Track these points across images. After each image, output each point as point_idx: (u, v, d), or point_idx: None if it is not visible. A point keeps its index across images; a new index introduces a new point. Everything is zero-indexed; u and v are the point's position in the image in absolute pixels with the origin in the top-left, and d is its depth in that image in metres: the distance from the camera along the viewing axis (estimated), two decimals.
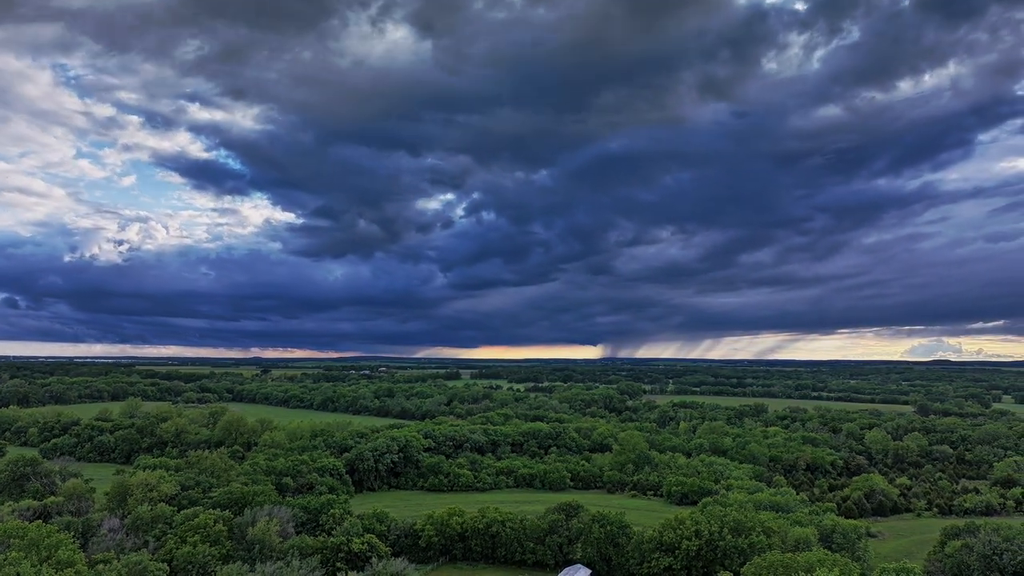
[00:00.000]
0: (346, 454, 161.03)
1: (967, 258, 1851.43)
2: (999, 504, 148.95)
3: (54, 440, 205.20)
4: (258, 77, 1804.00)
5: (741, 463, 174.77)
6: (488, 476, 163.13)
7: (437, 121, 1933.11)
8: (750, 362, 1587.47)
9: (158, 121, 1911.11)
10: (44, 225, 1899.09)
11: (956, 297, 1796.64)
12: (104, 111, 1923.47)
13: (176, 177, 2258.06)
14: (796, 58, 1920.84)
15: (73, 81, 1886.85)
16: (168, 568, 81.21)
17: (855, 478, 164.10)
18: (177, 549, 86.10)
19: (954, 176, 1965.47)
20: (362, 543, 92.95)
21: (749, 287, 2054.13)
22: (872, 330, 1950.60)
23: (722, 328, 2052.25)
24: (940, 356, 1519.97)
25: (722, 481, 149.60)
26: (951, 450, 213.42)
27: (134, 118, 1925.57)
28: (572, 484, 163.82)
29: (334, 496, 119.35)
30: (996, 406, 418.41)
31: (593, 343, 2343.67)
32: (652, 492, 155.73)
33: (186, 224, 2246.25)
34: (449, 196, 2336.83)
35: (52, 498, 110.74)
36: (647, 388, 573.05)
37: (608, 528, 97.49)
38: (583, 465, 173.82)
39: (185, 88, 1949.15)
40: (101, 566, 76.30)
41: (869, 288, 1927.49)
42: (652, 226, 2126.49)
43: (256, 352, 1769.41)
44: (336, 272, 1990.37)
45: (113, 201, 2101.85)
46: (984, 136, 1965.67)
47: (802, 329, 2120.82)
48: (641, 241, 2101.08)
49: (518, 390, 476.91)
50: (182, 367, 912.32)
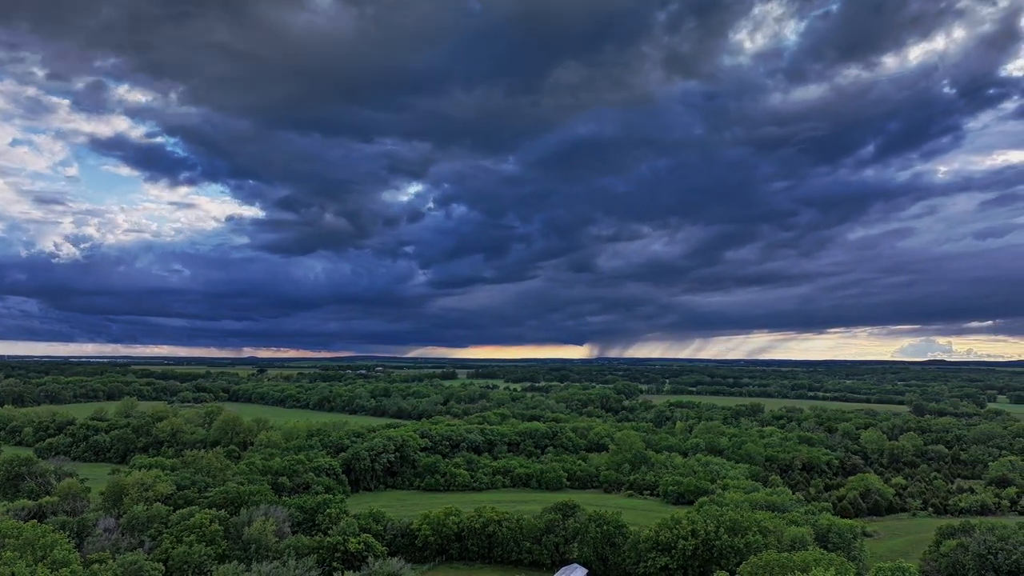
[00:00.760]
0: (342, 454, 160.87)
1: (956, 254, 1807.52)
2: (994, 504, 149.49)
3: (49, 440, 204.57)
4: (173, 51, 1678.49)
5: (737, 463, 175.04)
6: (485, 476, 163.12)
7: (383, 104, 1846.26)
8: (741, 362, 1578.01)
9: (85, 103, 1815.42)
10: None
11: (946, 296, 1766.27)
12: (25, 91, 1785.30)
13: (125, 168, 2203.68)
14: (769, 30, 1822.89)
15: None
16: (164, 568, 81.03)
17: (851, 478, 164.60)
18: (173, 549, 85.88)
19: (943, 169, 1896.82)
20: (358, 543, 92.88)
21: (737, 285, 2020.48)
22: (862, 330, 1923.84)
23: (711, 328, 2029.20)
24: (931, 356, 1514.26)
25: (718, 481, 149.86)
26: (946, 450, 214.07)
27: (62, 100, 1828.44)
28: (569, 484, 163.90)
29: (330, 496, 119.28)
30: (991, 406, 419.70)
31: (579, 343, 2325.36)
32: (649, 492, 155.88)
33: (147, 218, 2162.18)
34: (416, 187, 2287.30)
35: (47, 498, 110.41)
36: (643, 388, 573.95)
37: (605, 528, 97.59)
38: (580, 465, 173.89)
39: (93, 62, 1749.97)
40: (96, 566, 76.03)
41: (856, 286, 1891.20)
42: (632, 220, 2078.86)
43: (249, 352, 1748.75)
44: (315, 269, 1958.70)
45: (59, 193, 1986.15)
46: (974, 123, 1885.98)
47: (792, 328, 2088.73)
48: (622, 237, 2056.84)
49: (515, 390, 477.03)
50: (177, 367, 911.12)
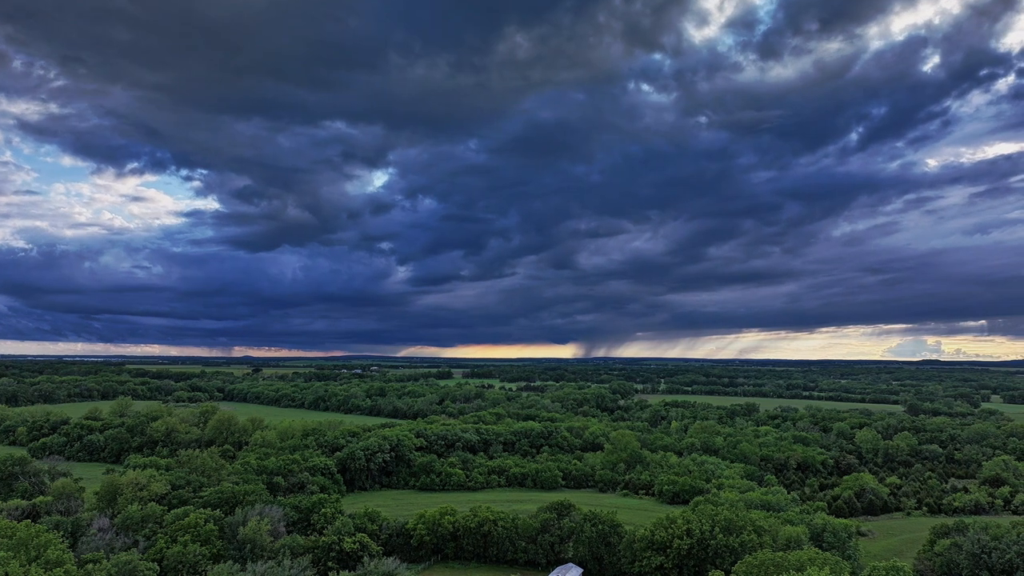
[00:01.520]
0: (338, 453, 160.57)
1: (943, 250, 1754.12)
2: (988, 503, 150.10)
3: (43, 439, 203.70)
4: (68, 19, 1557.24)
5: (732, 462, 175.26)
6: (480, 475, 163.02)
7: (314, 81, 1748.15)
8: (736, 362, 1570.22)
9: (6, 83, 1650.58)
10: None
11: (935, 295, 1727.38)
12: None
13: (68, 158, 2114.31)
14: None
15: None
16: (158, 568, 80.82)
17: (845, 477, 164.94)
18: (167, 548, 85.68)
19: (932, 162, 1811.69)
20: (354, 542, 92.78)
21: (722, 284, 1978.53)
22: (853, 329, 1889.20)
23: (699, 327, 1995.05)
24: (921, 356, 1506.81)
25: (713, 480, 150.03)
26: (940, 449, 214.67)
27: None
28: (564, 483, 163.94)
29: (325, 495, 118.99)
30: (985, 406, 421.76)
31: (564, 342, 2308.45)
32: (644, 491, 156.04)
33: (103, 210, 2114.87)
34: (380, 177, 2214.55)
35: (41, 497, 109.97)
36: (639, 387, 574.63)
37: (600, 527, 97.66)
38: (575, 464, 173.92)
39: None
40: (90, 566, 75.82)
41: (842, 285, 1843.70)
42: (609, 214, 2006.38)
43: (240, 352, 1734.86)
44: (291, 265, 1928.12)
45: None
46: (965, 108, 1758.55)
47: (781, 327, 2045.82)
48: (601, 232, 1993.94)
49: (510, 389, 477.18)
50: (172, 366, 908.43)
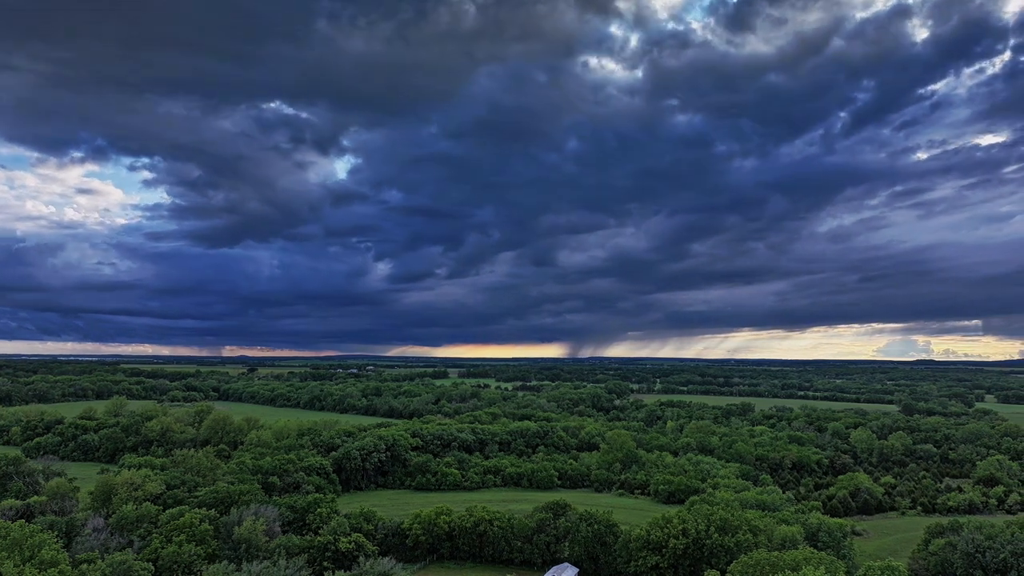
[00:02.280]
0: (333, 453, 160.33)
1: (933, 246, 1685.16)
2: (982, 502, 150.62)
3: (37, 439, 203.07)
4: None
5: (728, 462, 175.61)
6: (476, 475, 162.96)
7: (229, 53, 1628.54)
8: (731, 362, 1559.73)
9: None
10: None
11: (924, 295, 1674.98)
12: None
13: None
14: None
15: None
16: (153, 568, 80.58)
17: (840, 477, 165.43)
18: (162, 549, 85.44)
19: (921, 156, 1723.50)
20: (349, 542, 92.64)
21: (709, 282, 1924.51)
22: (842, 328, 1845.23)
23: (687, 326, 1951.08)
24: (910, 356, 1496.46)
25: (709, 480, 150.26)
26: (935, 449, 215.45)
27: None
28: (560, 483, 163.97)
29: (321, 495, 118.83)
30: (979, 405, 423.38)
31: (551, 341, 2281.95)
32: (639, 491, 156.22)
33: (51, 203, 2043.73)
34: (339, 164, 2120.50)
35: (35, 497, 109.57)
36: (634, 387, 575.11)
37: (596, 527, 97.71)
38: (571, 464, 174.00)
39: None
40: (85, 566, 75.53)
41: (830, 283, 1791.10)
42: (587, 208, 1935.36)
43: (227, 351, 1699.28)
44: (270, 263, 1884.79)
45: None
46: (957, 87, 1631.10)
47: (771, 326, 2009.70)
48: (581, 228, 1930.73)
49: (506, 389, 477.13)
50: (167, 365, 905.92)
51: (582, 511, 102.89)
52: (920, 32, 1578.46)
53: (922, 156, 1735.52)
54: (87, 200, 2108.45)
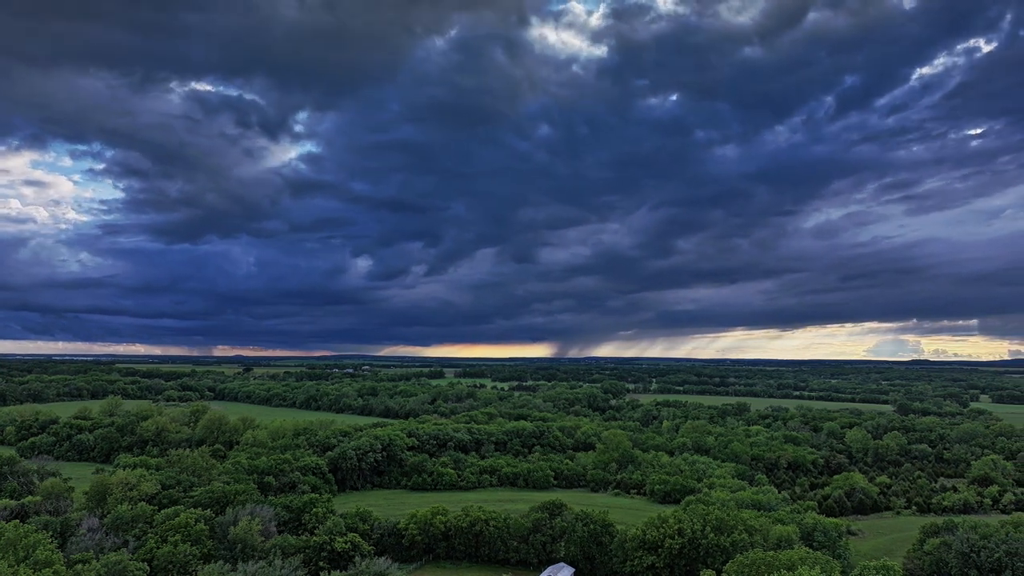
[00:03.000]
0: (329, 453, 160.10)
1: (923, 241, 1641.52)
2: (976, 502, 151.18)
3: (32, 439, 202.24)
4: None
5: (724, 462, 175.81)
6: (472, 475, 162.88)
7: (141, 23, 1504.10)
8: (716, 361, 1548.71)
9: None
10: None
11: (915, 294, 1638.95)
12: None
13: None
14: None
15: None
16: (148, 568, 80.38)
17: (836, 476, 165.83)
18: (158, 549, 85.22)
19: (914, 147, 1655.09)
20: (345, 542, 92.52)
21: (697, 281, 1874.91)
22: (834, 328, 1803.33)
23: (677, 326, 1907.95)
24: (900, 356, 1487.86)
25: (705, 480, 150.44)
26: (930, 449, 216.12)
27: None
28: (556, 483, 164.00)
29: (317, 495, 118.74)
30: (974, 405, 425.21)
31: (539, 341, 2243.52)
32: (635, 491, 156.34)
33: None
34: (295, 150, 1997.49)
35: (30, 497, 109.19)
36: (630, 387, 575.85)
37: (591, 527, 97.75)
38: (567, 464, 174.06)
39: None
40: (80, 566, 75.28)
41: (817, 282, 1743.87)
42: (565, 202, 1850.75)
43: (222, 351, 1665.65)
44: (242, 260, 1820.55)
45: None
46: (950, 66, 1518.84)
47: (760, 326, 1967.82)
48: (560, 223, 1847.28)
49: (502, 389, 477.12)
50: (162, 365, 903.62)
51: (578, 511, 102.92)
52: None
53: (913, 148, 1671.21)
54: (34, 192, 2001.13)
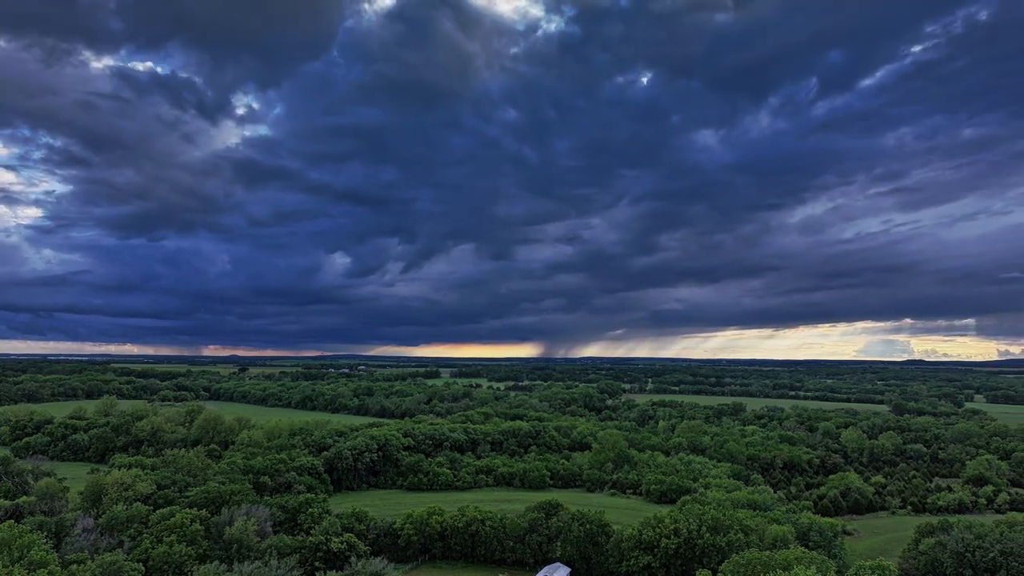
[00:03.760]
0: (325, 453, 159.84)
1: (913, 237, 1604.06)
2: (971, 502, 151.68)
3: (26, 439, 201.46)
4: None
5: (719, 462, 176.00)
6: (468, 475, 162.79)
7: None
8: (710, 361, 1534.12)
9: None
10: None
11: (908, 293, 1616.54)
12: None
13: None
14: None
15: None
16: (143, 568, 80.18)
17: (831, 476, 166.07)
18: (153, 549, 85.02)
19: (909, 138, 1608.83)
20: (341, 542, 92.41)
21: (682, 279, 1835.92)
22: (826, 327, 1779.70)
23: (666, 325, 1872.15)
24: (892, 357, 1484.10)
25: (700, 480, 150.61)
26: (925, 449, 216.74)
27: None
28: (552, 483, 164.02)
29: (312, 495, 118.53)
30: (969, 405, 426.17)
31: (527, 340, 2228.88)
32: (631, 491, 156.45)
33: None
34: (238, 134, 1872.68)
35: (24, 498, 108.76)
36: (626, 387, 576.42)
37: (588, 527, 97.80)
38: (563, 464, 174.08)
39: None
40: (75, 566, 75.08)
41: (805, 280, 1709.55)
42: (540, 195, 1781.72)
43: (212, 351, 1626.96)
44: (214, 257, 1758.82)
45: None
46: (944, 43, 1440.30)
47: (750, 325, 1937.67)
48: (537, 219, 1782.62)
49: (498, 389, 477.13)
50: (158, 365, 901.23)
51: (574, 511, 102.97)
52: None
53: (902, 136, 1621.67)
54: None
